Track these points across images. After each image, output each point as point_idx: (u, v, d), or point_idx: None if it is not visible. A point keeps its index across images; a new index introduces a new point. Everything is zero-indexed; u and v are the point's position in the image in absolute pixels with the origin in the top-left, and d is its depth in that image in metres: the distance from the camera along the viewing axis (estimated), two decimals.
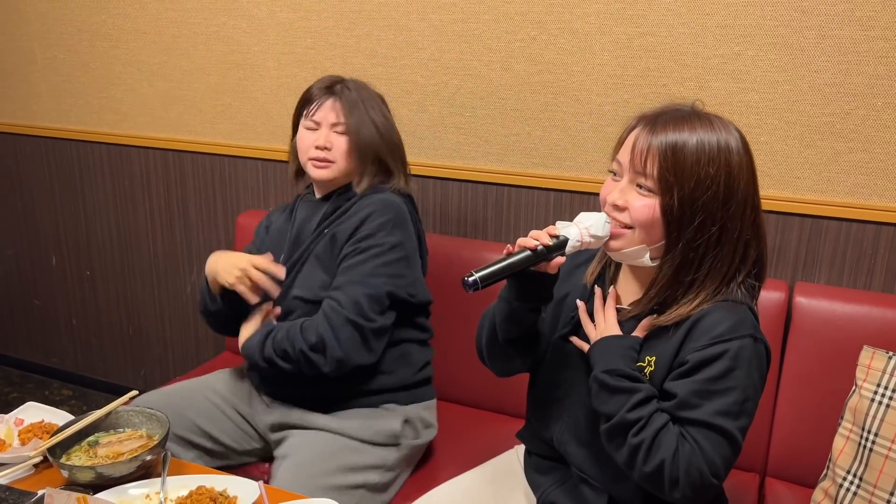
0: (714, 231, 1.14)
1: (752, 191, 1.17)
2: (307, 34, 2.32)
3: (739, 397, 1.11)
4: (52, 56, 2.76)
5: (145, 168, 2.72)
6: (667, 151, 1.12)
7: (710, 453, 1.09)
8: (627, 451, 1.13)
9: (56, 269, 3.04)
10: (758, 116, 1.86)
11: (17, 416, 1.54)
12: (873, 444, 1.56)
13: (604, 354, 1.19)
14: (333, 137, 1.74)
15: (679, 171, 1.12)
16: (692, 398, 1.12)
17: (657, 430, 1.11)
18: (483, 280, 1.13)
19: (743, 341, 1.12)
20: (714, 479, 1.10)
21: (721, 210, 1.13)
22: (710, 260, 1.15)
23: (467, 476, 1.55)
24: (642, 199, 1.15)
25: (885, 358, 1.59)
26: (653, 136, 1.14)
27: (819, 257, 1.88)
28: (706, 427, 1.10)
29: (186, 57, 2.53)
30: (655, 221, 1.14)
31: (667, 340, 1.18)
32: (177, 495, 1.30)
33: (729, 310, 1.14)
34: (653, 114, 1.18)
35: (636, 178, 1.15)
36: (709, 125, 1.15)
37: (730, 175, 1.13)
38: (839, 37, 1.75)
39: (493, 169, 2.17)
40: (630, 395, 1.14)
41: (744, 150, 1.16)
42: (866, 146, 1.79)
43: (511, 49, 2.07)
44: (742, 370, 1.11)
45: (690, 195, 1.12)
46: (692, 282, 1.16)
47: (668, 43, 1.90)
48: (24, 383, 3.18)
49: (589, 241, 1.19)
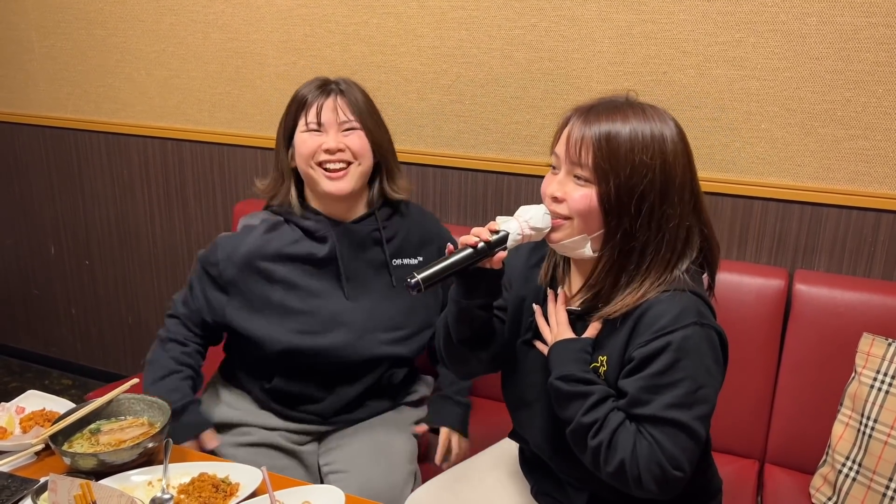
0: (653, 218, 1.14)
1: (689, 177, 1.17)
2: (306, 22, 2.31)
3: (691, 387, 1.10)
4: (50, 44, 2.75)
5: (144, 157, 2.71)
6: (601, 141, 1.13)
7: (668, 447, 1.09)
8: (590, 454, 1.15)
9: (55, 259, 3.04)
10: (758, 104, 1.85)
11: (19, 405, 1.54)
12: (872, 430, 1.56)
13: (558, 360, 1.19)
14: (343, 138, 1.60)
15: (614, 159, 1.12)
16: (642, 394, 1.12)
17: (613, 431, 1.12)
18: (425, 281, 1.14)
19: (686, 330, 1.11)
20: (677, 471, 1.10)
21: (658, 197, 1.13)
22: (651, 247, 1.15)
23: (468, 463, 1.56)
24: (580, 189, 1.15)
25: (885, 345, 1.60)
26: (586, 126, 1.14)
27: (819, 245, 1.89)
28: (660, 422, 1.10)
29: (184, 45, 2.52)
30: (593, 211, 1.15)
31: (616, 337, 1.18)
32: (179, 482, 1.31)
33: (672, 300, 1.13)
34: (587, 105, 1.19)
35: (573, 168, 1.16)
36: (642, 114, 1.15)
37: (665, 162, 1.13)
38: (840, 23, 1.74)
39: (494, 157, 2.17)
40: (584, 399, 1.14)
41: (678, 138, 1.16)
42: (867, 133, 1.79)
43: (511, 37, 2.06)
44: (689, 360, 1.10)
45: (626, 183, 1.12)
46: (635, 271, 1.16)
47: (668, 30, 1.89)
48: (23, 373, 3.19)
49: (530, 233, 1.19)
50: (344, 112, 1.61)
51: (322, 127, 1.61)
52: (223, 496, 1.27)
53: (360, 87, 1.68)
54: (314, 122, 1.61)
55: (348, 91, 1.64)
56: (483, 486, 1.47)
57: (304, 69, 2.35)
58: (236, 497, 1.26)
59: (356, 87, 1.67)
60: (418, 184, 2.29)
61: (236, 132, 2.51)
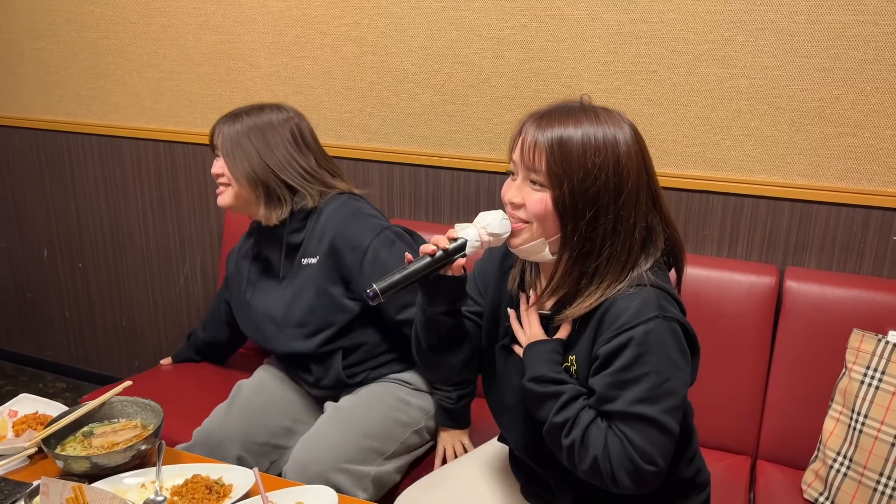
0: (608, 220, 1.15)
1: (645, 179, 1.18)
2: (297, 23, 2.31)
3: (656, 381, 1.11)
4: (41, 47, 2.74)
5: (136, 159, 2.71)
6: (553, 145, 1.14)
7: (638, 442, 1.10)
8: (565, 453, 1.16)
9: (48, 262, 3.03)
10: (748, 102, 1.86)
11: (11, 408, 1.54)
12: (863, 425, 1.57)
13: (531, 362, 1.21)
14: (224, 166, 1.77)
15: (567, 163, 1.13)
16: (609, 391, 1.12)
17: (584, 429, 1.13)
18: (383, 291, 1.15)
19: (648, 325, 1.11)
20: (650, 466, 1.10)
21: (613, 199, 1.15)
22: (607, 248, 1.16)
23: (462, 461, 1.57)
24: (536, 193, 1.17)
25: (875, 340, 1.61)
26: (539, 132, 1.16)
27: (809, 242, 1.90)
28: (628, 417, 1.11)
29: (176, 47, 2.52)
30: (549, 214, 1.16)
31: (583, 337, 1.19)
32: (172, 484, 1.31)
33: (633, 297, 1.14)
34: (541, 111, 1.20)
35: (529, 174, 1.17)
36: (595, 118, 1.16)
37: (618, 164, 1.14)
38: (829, 21, 1.75)
39: (485, 157, 2.17)
40: (556, 399, 1.16)
41: (633, 140, 1.17)
42: (855, 131, 1.80)
43: (502, 36, 2.06)
44: (652, 354, 1.11)
45: (580, 187, 1.13)
46: (594, 271, 1.17)
47: (658, 29, 1.90)
48: (17, 376, 3.18)
49: (488, 239, 1.20)
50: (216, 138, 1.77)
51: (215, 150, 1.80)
52: (216, 498, 1.27)
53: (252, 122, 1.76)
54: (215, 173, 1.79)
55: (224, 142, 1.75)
56: (473, 485, 1.48)
57: (296, 70, 2.36)
58: (229, 498, 1.27)
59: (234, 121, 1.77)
60: (410, 184, 2.29)
61: None
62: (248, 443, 1.71)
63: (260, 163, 1.73)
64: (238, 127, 1.74)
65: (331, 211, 1.75)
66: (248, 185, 1.74)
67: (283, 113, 1.79)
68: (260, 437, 1.73)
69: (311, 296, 1.75)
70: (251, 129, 1.74)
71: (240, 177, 1.74)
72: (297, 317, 1.76)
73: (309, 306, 1.75)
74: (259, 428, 1.75)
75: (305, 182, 1.76)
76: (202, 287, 2.73)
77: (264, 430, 1.75)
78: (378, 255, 1.69)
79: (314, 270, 1.75)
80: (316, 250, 1.75)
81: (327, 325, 1.75)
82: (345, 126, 2.33)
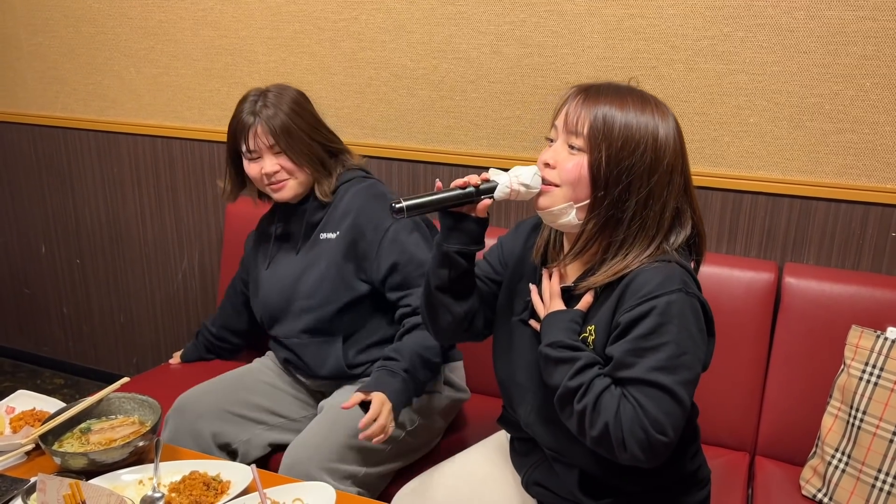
0: (641, 193, 1.17)
1: (680, 163, 1.21)
2: (295, 18, 2.31)
3: (674, 351, 1.12)
4: (38, 42, 2.73)
5: (134, 155, 2.70)
6: (598, 115, 1.18)
7: (652, 410, 1.11)
8: (575, 419, 1.16)
9: (46, 258, 3.02)
10: (747, 98, 1.86)
11: (9, 405, 1.54)
12: (861, 422, 1.57)
13: (548, 329, 1.23)
14: (278, 159, 1.74)
15: (608, 132, 1.17)
16: (627, 357, 1.14)
17: (598, 394, 1.14)
18: (409, 208, 1.19)
19: (671, 296, 1.14)
20: (661, 436, 1.11)
21: (647, 174, 1.17)
22: (637, 221, 1.19)
23: (460, 457, 1.56)
24: (572, 157, 1.20)
25: (874, 337, 1.61)
26: (586, 103, 1.19)
27: (808, 238, 1.89)
28: (643, 384, 1.12)
29: (173, 42, 2.51)
30: (582, 178, 1.18)
31: (604, 307, 1.21)
32: (170, 481, 1.31)
33: (658, 269, 1.17)
34: (588, 84, 1.24)
35: (568, 138, 1.21)
36: (641, 101, 1.20)
37: (656, 142, 1.17)
38: (828, 17, 1.75)
39: (484, 153, 2.17)
40: (571, 364, 1.17)
41: (674, 128, 1.21)
42: (855, 127, 1.79)
43: (500, 32, 2.06)
44: (673, 324, 1.13)
45: (617, 156, 1.16)
46: (621, 242, 1.20)
47: (657, 24, 1.89)
48: (15, 372, 3.18)
49: (518, 188, 1.22)
50: (267, 136, 1.72)
51: (258, 152, 1.75)
52: (214, 494, 1.27)
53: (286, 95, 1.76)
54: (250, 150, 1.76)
55: (269, 111, 1.73)
56: (473, 480, 1.48)
57: (294, 65, 2.35)
58: (227, 495, 1.27)
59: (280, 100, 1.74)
60: (408, 180, 2.29)
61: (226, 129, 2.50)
62: (222, 411, 1.76)
63: (312, 143, 1.75)
64: (281, 117, 1.72)
65: (357, 190, 1.78)
66: (310, 168, 1.76)
67: (290, 88, 1.79)
68: (235, 407, 1.78)
69: (322, 268, 1.76)
70: (290, 114, 1.73)
71: (303, 163, 1.74)
72: (306, 288, 1.77)
73: (320, 277, 1.76)
74: (236, 400, 1.79)
75: (339, 144, 1.83)
76: (200, 283, 2.73)
77: (241, 403, 1.79)
78: (397, 237, 1.71)
79: (331, 245, 1.76)
80: (337, 226, 1.77)
81: (333, 300, 1.75)
82: (343, 122, 2.32)
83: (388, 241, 1.71)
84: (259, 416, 1.81)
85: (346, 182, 1.80)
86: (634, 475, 1.25)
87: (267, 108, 1.73)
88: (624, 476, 1.25)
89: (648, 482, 1.27)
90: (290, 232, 1.86)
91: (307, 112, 1.78)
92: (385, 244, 1.71)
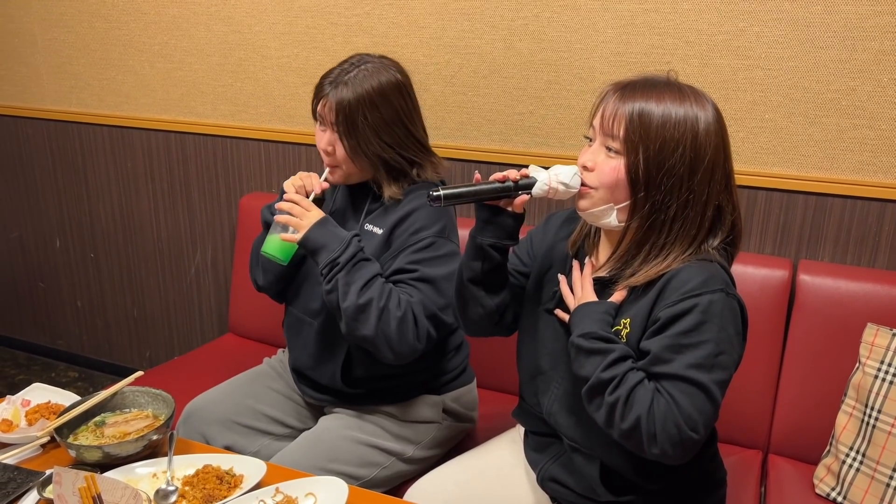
0: (682, 194, 1.17)
1: (721, 158, 1.19)
2: (308, 13, 2.31)
3: (712, 350, 1.12)
4: (53, 38, 2.75)
5: (147, 150, 2.71)
6: (633, 115, 1.16)
7: (686, 407, 1.10)
8: (605, 410, 1.16)
9: (60, 252, 3.05)
10: (762, 93, 1.84)
11: (24, 398, 1.55)
12: (876, 420, 1.56)
13: (580, 320, 1.22)
14: (335, 140, 1.61)
15: (645, 133, 1.16)
16: (665, 353, 1.14)
17: (632, 387, 1.13)
18: (446, 197, 1.20)
19: (713, 295, 1.14)
20: (692, 433, 1.10)
21: (688, 174, 1.16)
22: (678, 223, 1.18)
23: (473, 453, 1.56)
24: (610, 161, 1.19)
25: (889, 335, 1.60)
26: (622, 101, 1.18)
27: (823, 235, 1.88)
28: (680, 380, 1.12)
29: (187, 37, 2.51)
30: (620, 182, 1.18)
31: (641, 301, 1.21)
32: (183, 474, 1.31)
33: (700, 267, 1.17)
34: (625, 81, 1.22)
35: (606, 140, 1.20)
36: (678, 93, 1.18)
37: (696, 140, 1.16)
38: (845, 12, 1.73)
39: (497, 149, 2.16)
40: (605, 356, 1.16)
41: (714, 119, 1.19)
42: (872, 123, 1.77)
43: (513, 27, 2.05)
44: (713, 323, 1.13)
45: (656, 157, 1.16)
46: (662, 244, 1.19)
47: (671, 19, 1.88)
48: (30, 365, 3.20)
49: (557, 187, 1.22)
50: (332, 112, 1.58)
51: (322, 120, 1.63)
52: (227, 488, 1.27)
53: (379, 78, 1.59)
54: (318, 112, 1.63)
55: (345, 91, 1.57)
56: (487, 477, 1.48)
57: (307, 61, 2.35)
58: (240, 489, 1.27)
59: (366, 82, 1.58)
60: None
61: (239, 125, 2.51)
62: (230, 421, 1.74)
63: (379, 142, 1.59)
64: (353, 103, 1.55)
65: (420, 194, 1.63)
66: (366, 165, 1.62)
67: (389, 71, 1.62)
68: (243, 418, 1.76)
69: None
70: (364, 103, 1.56)
71: (359, 159, 1.61)
72: None
73: None
74: (244, 410, 1.77)
75: (422, 154, 1.67)
76: (213, 278, 2.74)
77: (250, 413, 1.77)
78: (428, 247, 1.59)
79: (375, 240, 1.64)
80: (385, 222, 1.64)
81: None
82: None
83: (415, 249, 1.59)
84: (267, 426, 1.78)
85: (415, 189, 1.66)
86: (654, 471, 1.24)
87: (346, 85, 1.56)
88: (643, 471, 1.24)
89: (667, 480, 1.26)
90: (346, 208, 1.75)
91: (389, 107, 1.59)
92: (410, 248, 1.59)
